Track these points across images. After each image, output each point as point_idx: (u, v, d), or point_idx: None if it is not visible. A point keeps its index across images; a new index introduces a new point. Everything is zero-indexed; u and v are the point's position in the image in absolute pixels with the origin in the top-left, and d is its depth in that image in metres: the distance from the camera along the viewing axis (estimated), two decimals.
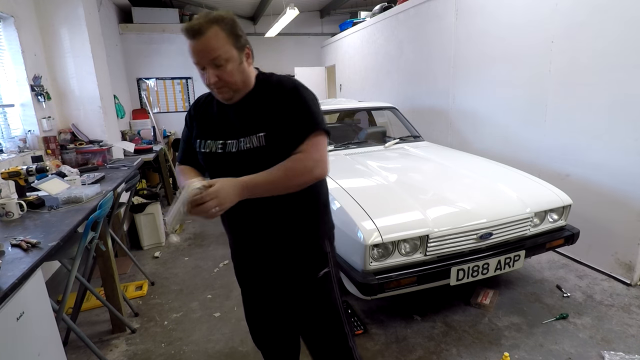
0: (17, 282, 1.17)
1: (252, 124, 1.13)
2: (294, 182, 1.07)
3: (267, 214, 1.19)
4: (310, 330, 1.34)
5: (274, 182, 1.05)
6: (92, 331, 2.33)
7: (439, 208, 2.15)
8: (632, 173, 2.47)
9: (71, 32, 3.39)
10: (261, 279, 1.35)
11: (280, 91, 1.14)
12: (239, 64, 1.09)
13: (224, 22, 1.06)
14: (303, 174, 1.06)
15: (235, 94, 1.14)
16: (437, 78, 4.36)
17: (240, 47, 1.09)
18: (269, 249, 1.26)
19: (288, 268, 1.26)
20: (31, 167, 2.03)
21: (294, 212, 1.21)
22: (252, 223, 1.22)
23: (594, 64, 2.61)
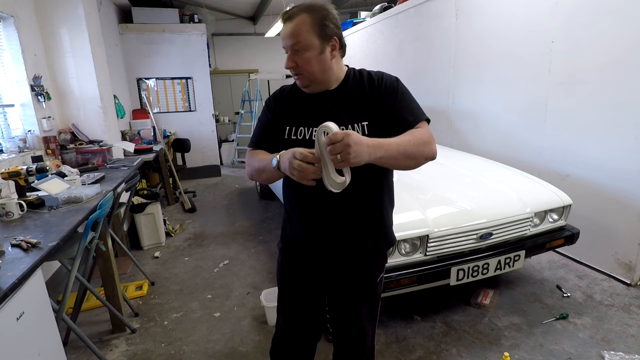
0: (17, 282, 1.17)
1: (354, 113, 1.14)
2: (419, 152, 1.04)
3: (360, 210, 1.19)
4: (352, 328, 1.35)
5: (402, 145, 1.02)
6: (92, 331, 2.33)
7: (439, 208, 2.15)
8: (632, 173, 2.47)
9: (71, 32, 3.39)
10: (317, 276, 1.30)
11: (381, 83, 1.16)
12: (318, 54, 1.09)
13: (315, 10, 1.08)
14: (426, 143, 1.05)
15: (312, 84, 1.16)
16: (437, 78, 4.36)
17: (325, 37, 1.09)
18: (351, 248, 1.23)
19: (359, 269, 1.26)
20: (31, 167, 2.03)
21: (386, 211, 1.24)
22: (340, 218, 1.20)
23: (594, 63, 2.61)
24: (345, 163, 0.92)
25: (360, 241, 1.23)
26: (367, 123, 1.13)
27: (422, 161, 1.07)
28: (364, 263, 1.26)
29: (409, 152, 1.02)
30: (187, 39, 6.27)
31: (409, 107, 1.13)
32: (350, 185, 0.99)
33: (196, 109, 6.63)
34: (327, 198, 1.12)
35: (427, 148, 1.06)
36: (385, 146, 0.98)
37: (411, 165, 1.06)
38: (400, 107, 1.12)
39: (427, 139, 1.06)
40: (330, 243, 1.23)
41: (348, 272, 1.27)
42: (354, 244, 1.22)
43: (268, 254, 3.33)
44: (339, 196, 1.05)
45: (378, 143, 0.97)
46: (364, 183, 1.15)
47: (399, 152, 1.00)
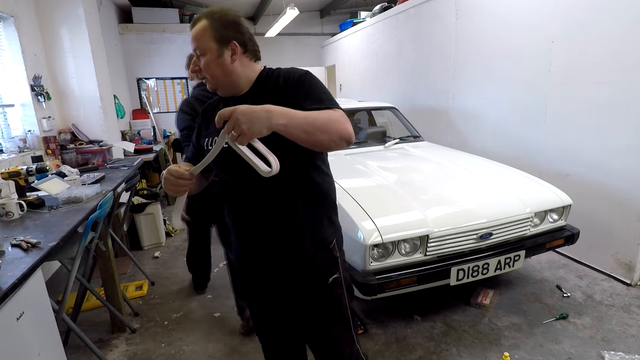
0: (17, 282, 1.17)
1: None
2: (332, 127, 0.99)
3: (276, 213, 1.15)
4: (318, 335, 1.31)
5: (311, 117, 0.97)
6: (92, 331, 2.33)
7: (439, 208, 2.15)
8: (632, 173, 2.47)
9: (71, 32, 3.39)
10: (269, 285, 1.29)
11: (288, 79, 1.12)
12: (216, 58, 1.10)
13: (215, 16, 1.11)
14: (338, 121, 1.00)
15: (218, 88, 1.16)
16: (437, 78, 4.36)
17: (223, 41, 1.10)
18: (277, 253, 1.21)
19: (297, 274, 1.22)
20: (31, 167, 2.03)
21: (304, 212, 1.17)
22: (260, 223, 1.18)
23: (594, 63, 2.61)
24: (243, 136, 0.87)
25: (283, 244, 1.18)
26: None
27: (336, 139, 1.00)
28: (305, 266, 1.20)
29: (319, 123, 0.97)
30: (187, 39, 6.24)
31: (317, 98, 1.07)
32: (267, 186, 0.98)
33: None
34: (248, 204, 1.12)
35: (340, 125, 1.00)
36: (290, 113, 0.94)
37: (324, 140, 0.98)
38: (307, 99, 1.07)
39: (339, 117, 1.01)
40: (260, 249, 1.22)
41: (294, 278, 1.23)
42: (278, 247, 1.19)
43: None
44: (259, 201, 1.06)
45: (279, 109, 0.93)
46: (278, 182, 1.07)
47: (307, 122, 0.95)
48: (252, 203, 1.12)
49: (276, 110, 0.92)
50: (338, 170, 2.71)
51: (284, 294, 1.28)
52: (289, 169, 1.05)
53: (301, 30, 8.14)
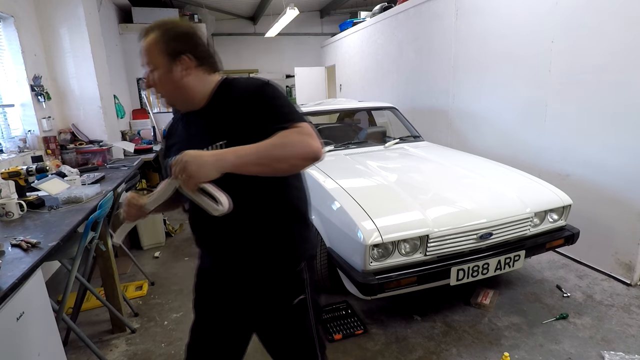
0: (17, 282, 1.17)
1: (212, 133, 1.05)
2: (288, 153, 0.93)
3: (241, 230, 1.09)
4: (280, 355, 1.27)
5: (263, 149, 0.92)
6: (92, 331, 2.33)
7: (439, 208, 2.15)
8: (632, 173, 2.47)
9: (71, 32, 3.39)
10: (227, 302, 1.22)
11: (244, 94, 1.05)
12: (166, 73, 1.04)
13: (164, 28, 1.04)
14: (297, 143, 0.94)
15: (175, 104, 1.12)
16: (437, 78, 4.36)
17: (173, 55, 1.03)
18: (241, 271, 1.16)
19: (261, 293, 1.16)
20: (31, 167, 2.03)
21: (270, 229, 1.11)
22: (225, 240, 1.12)
23: (594, 64, 2.61)
24: (191, 180, 0.88)
25: (256, 262, 1.14)
26: (224, 142, 1.02)
27: (297, 162, 0.96)
28: (269, 287, 1.16)
29: (275, 154, 0.92)
30: None
31: (278, 112, 1.01)
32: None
33: None
34: (211, 225, 1.07)
35: (301, 147, 0.94)
36: (237, 152, 0.91)
37: (284, 168, 0.95)
38: (268, 114, 1.01)
39: (297, 138, 0.95)
40: (223, 268, 1.19)
41: (256, 298, 1.18)
42: (250, 266, 1.14)
43: None
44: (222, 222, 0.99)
45: (229, 151, 0.91)
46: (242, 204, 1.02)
47: (260, 157, 0.91)
48: (215, 224, 1.04)
49: (226, 153, 0.91)
50: (338, 170, 2.72)
51: (245, 314, 1.22)
52: (252, 192, 1.03)
53: (301, 30, 8.14)
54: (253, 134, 0.98)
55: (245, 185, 0.99)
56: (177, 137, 1.19)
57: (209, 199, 0.91)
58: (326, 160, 3.05)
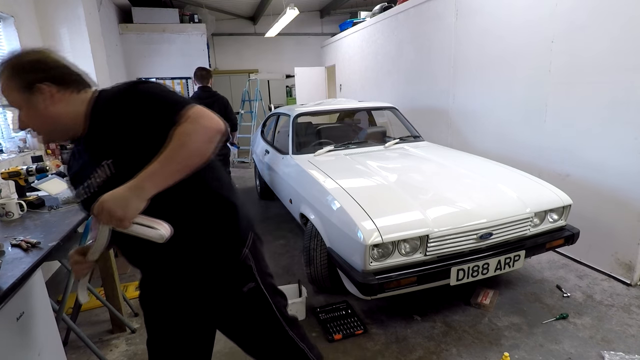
0: (17, 282, 1.18)
1: (97, 156, 1.00)
2: (195, 146, 0.91)
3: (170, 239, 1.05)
4: (252, 343, 1.27)
5: (169, 157, 0.89)
6: (92, 331, 2.33)
7: (439, 208, 2.15)
8: (632, 173, 2.47)
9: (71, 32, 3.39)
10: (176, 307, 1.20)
11: (113, 103, 0.98)
12: (30, 109, 0.97)
13: (9, 65, 0.96)
14: (193, 132, 0.91)
15: (54, 137, 1.06)
16: (437, 78, 4.36)
17: (27, 89, 0.96)
18: (181, 274, 1.13)
19: (207, 290, 1.14)
20: (31, 167, 2.03)
21: (197, 228, 1.07)
22: (156, 253, 1.07)
23: (594, 63, 2.61)
24: (123, 222, 0.87)
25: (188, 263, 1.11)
26: (111, 161, 0.97)
27: (206, 147, 0.93)
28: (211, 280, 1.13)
29: (182, 156, 0.90)
30: (187, 39, 6.27)
31: (160, 108, 0.96)
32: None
33: None
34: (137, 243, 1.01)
35: (200, 136, 0.91)
36: (149, 175, 0.88)
37: (198, 162, 0.93)
38: (151, 114, 0.95)
39: (194, 128, 0.91)
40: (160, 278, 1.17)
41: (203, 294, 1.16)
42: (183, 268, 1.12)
43: (268, 254, 3.31)
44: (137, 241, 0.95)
45: (142, 177, 0.88)
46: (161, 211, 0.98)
47: (170, 167, 0.89)
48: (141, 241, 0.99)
49: (140, 181, 0.88)
50: (338, 170, 2.72)
51: (197, 313, 1.21)
52: (169, 200, 0.98)
53: (301, 30, 8.14)
54: (139, 141, 0.94)
55: (161, 197, 0.94)
56: (75, 168, 1.12)
57: (147, 228, 0.91)
58: (326, 160, 3.05)
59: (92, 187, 1.02)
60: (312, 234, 2.46)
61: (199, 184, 1.06)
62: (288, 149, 3.34)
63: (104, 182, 0.99)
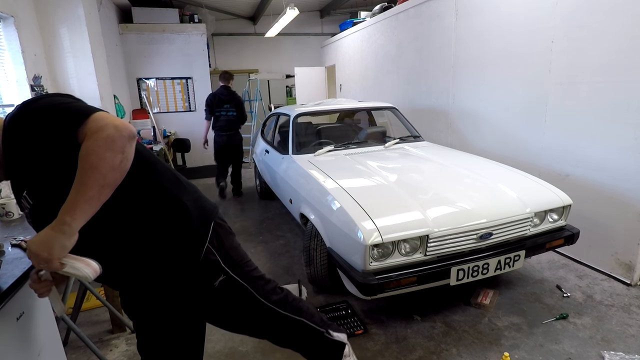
0: (17, 282, 1.17)
1: (16, 187, 0.97)
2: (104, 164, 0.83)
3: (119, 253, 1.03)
4: (246, 328, 1.27)
5: (86, 185, 0.82)
6: (92, 331, 2.33)
7: (439, 208, 2.15)
8: (632, 173, 2.47)
9: (71, 32, 3.39)
10: (154, 306, 1.18)
11: (12, 129, 0.91)
12: None
13: None
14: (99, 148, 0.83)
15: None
16: (437, 78, 4.36)
17: None
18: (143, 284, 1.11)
19: (175, 291, 1.12)
20: None
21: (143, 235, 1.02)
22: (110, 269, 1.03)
23: (594, 63, 2.61)
24: (52, 264, 0.85)
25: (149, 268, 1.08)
26: (25, 192, 0.93)
27: (118, 158, 0.85)
28: (178, 281, 1.11)
29: (97, 177, 0.83)
30: (187, 39, 6.27)
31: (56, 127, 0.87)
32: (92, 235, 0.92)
33: (196, 109, 6.63)
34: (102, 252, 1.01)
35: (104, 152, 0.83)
36: (68, 211, 0.83)
37: (117, 176, 0.87)
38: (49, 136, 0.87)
39: (95, 145, 0.83)
40: (128, 283, 1.15)
41: (174, 294, 1.14)
42: (146, 274, 1.09)
43: (268, 254, 3.33)
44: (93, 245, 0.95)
45: (63, 213, 0.84)
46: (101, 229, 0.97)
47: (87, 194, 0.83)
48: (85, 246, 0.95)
49: (61, 219, 0.84)
50: (338, 170, 2.72)
51: (178, 313, 1.19)
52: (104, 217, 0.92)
53: (301, 30, 8.14)
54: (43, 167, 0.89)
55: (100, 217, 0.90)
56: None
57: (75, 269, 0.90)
58: (326, 160, 3.05)
59: (29, 216, 1.01)
60: (312, 234, 2.46)
61: (137, 191, 1.00)
62: (288, 149, 3.34)
63: (30, 213, 0.97)
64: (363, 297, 2.00)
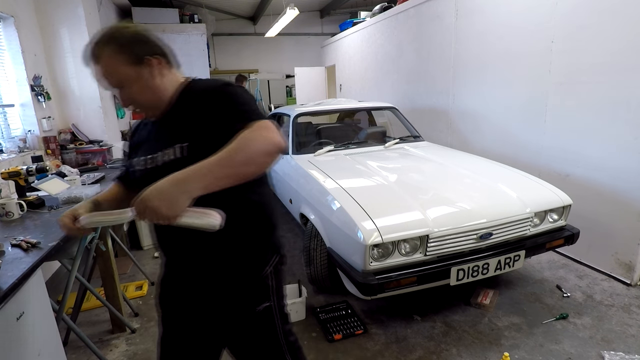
0: (17, 282, 1.17)
1: (174, 135, 1.03)
2: (252, 153, 0.88)
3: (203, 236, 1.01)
4: (251, 356, 1.25)
5: (225, 158, 0.86)
6: (92, 331, 2.33)
7: (439, 208, 2.15)
8: (632, 173, 2.47)
9: (71, 32, 3.39)
10: (190, 308, 1.20)
11: (205, 95, 1.02)
12: (138, 82, 1.00)
13: (114, 39, 0.97)
14: (255, 140, 0.89)
15: (155, 110, 1.08)
16: (437, 78, 4.36)
17: (136, 62, 0.99)
18: (202, 277, 1.14)
19: (223, 299, 1.14)
20: (31, 167, 2.03)
21: (232, 235, 1.06)
22: (186, 245, 1.09)
23: (594, 63, 2.61)
24: (170, 220, 0.84)
25: (217, 268, 1.11)
26: (187, 144, 0.99)
27: (261, 159, 0.90)
28: (231, 293, 1.13)
29: (238, 159, 0.87)
30: (187, 39, 6.27)
31: (237, 111, 0.98)
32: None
33: None
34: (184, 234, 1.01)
35: (260, 146, 0.89)
36: (203, 169, 0.85)
37: (252, 171, 0.90)
38: (228, 113, 0.98)
39: (258, 136, 0.90)
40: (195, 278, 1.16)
41: (219, 304, 1.15)
42: (211, 271, 1.12)
43: None
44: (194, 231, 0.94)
45: (189, 172, 0.85)
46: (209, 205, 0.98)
47: (222, 167, 0.86)
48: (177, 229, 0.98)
49: (189, 178, 0.84)
50: (338, 170, 2.72)
51: (209, 321, 1.20)
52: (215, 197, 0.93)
53: (301, 30, 8.14)
54: (214, 135, 0.95)
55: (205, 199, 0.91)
56: (142, 138, 1.17)
57: (196, 219, 0.87)
58: (326, 160, 3.05)
59: (155, 161, 1.05)
60: (312, 234, 2.46)
61: (246, 196, 1.07)
62: (288, 149, 3.34)
63: (171, 162, 1.00)
64: (363, 297, 2.00)
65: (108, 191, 1.25)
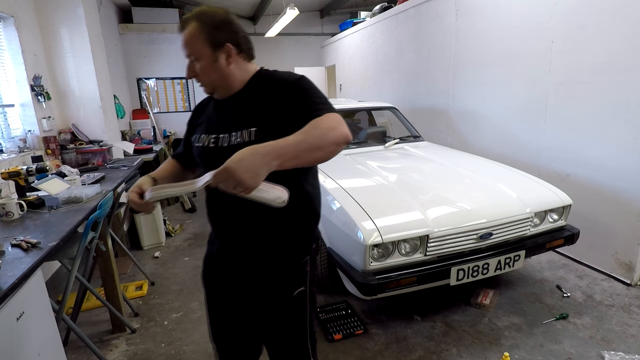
0: (17, 282, 1.17)
1: (245, 119, 1.09)
2: (324, 139, 0.94)
3: (257, 217, 1.11)
4: (273, 342, 1.29)
5: (300, 141, 0.92)
6: (92, 331, 2.33)
7: (439, 208, 2.15)
8: (632, 173, 2.47)
9: (71, 32, 3.39)
10: (232, 286, 1.25)
11: (280, 85, 1.08)
12: (212, 62, 1.06)
13: (204, 17, 1.05)
14: (329, 129, 0.95)
15: (216, 90, 1.14)
16: (437, 78, 4.36)
17: (216, 45, 1.05)
18: (250, 257, 1.18)
19: (263, 282, 1.19)
20: (31, 167, 2.03)
21: (284, 220, 1.12)
22: (240, 223, 1.15)
23: (594, 63, 2.61)
24: (248, 191, 0.85)
25: (256, 250, 1.16)
26: (255, 129, 1.05)
27: (331, 147, 0.95)
28: (273, 277, 1.18)
29: (311, 142, 0.93)
30: None
31: (312, 102, 1.04)
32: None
33: None
34: (229, 204, 1.09)
35: (331, 133, 0.95)
36: (279, 147, 0.90)
37: (320, 156, 0.95)
38: (303, 104, 1.03)
39: (330, 124, 0.96)
40: (242, 258, 1.19)
41: (259, 286, 1.20)
42: (251, 252, 1.17)
43: None
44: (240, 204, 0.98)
45: (268, 146, 0.89)
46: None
47: (298, 149, 0.91)
48: (232, 207, 1.08)
49: (269, 150, 0.88)
50: (338, 170, 2.72)
51: (247, 300, 1.23)
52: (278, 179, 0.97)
53: (301, 30, 8.14)
54: (283, 122, 1.01)
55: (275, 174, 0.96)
56: (206, 117, 1.21)
57: (266, 192, 0.89)
58: None
59: (223, 141, 1.10)
60: None
61: (302, 184, 1.14)
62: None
63: (238, 144, 1.05)
64: (363, 297, 2.00)
65: (163, 168, 1.30)
